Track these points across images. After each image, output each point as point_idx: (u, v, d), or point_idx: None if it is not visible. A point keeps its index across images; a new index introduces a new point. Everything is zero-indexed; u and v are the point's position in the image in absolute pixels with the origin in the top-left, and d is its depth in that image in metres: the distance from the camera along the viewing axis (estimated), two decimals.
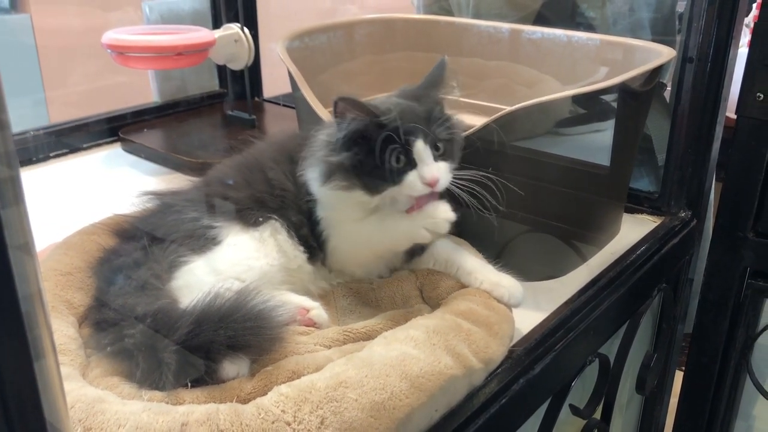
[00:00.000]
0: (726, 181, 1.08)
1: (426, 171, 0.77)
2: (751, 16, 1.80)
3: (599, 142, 1.05)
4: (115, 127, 1.48)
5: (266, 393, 0.63)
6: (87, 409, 0.59)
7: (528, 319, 0.86)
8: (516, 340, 0.82)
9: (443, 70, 0.85)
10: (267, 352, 0.70)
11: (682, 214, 1.17)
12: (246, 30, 1.52)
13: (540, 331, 0.84)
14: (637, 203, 1.21)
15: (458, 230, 0.94)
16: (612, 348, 1.04)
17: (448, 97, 0.86)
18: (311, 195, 0.84)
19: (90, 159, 1.43)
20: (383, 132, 0.76)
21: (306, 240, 0.84)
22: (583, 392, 0.99)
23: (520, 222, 0.96)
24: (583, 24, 1.46)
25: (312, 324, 0.78)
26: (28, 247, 0.35)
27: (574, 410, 0.94)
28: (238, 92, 1.68)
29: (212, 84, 1.72)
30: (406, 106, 0.81)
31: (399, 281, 0.87)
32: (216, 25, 1.62)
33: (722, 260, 1.11)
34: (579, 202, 1.01)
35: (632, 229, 1.13)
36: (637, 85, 1.00)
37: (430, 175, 0.77)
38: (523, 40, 1.27)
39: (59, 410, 0.39)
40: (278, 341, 0.71)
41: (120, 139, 1.46)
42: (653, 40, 1.26)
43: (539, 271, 0.99)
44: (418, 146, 0.77)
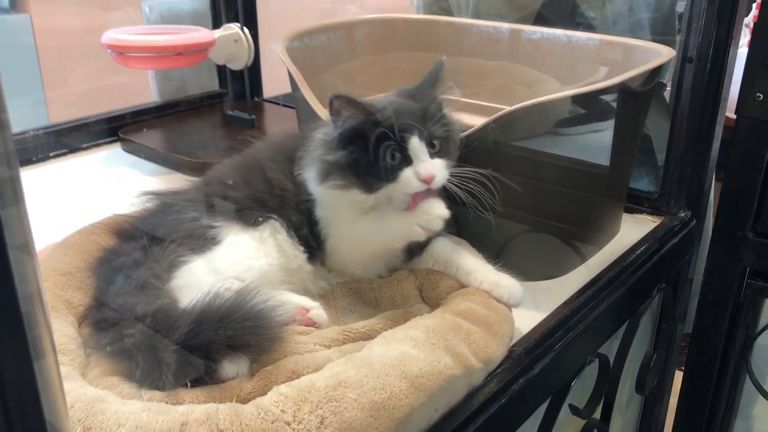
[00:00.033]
0: (725, 181, 1.08)
1: (421, 168, 0.77)
2: (750, 16, 1.80)
3: (599, 142, 1.05)
4: (115, 127, 1.48)
5: (266, 393, 0.63)
6: (87, 408, 0.59)
7: (527, 319, 0.86)
8: (515, 340, 0.82)
9: (441, 70, 0.85)
10: (266, 352, 0.70)
11: (682, 214, 1.17)
12: (246, 30, 1.52)
13: (540, 331, 0.84)
14: (637, 203, 1.21)
15: (458, 230, 0.94)
16: (612, 348, 1.04)
17: (448, 97, 0.87)
18: (310, 195, 0.84)
19: (90, 159, 1.43)
20: (378, 129, 0.76)
21: (306, 240, 0.84)
22: (583, 392, 0.99)
23: (520, 222, 0.96)
24: (583, 24, 1.46)
25: (311, 324, 0.78)
26: (28, 247, 0.35)
27: (574, 410, 0.94)
28: (237, 92, 1.68)
29: (212, 84, 1.72)
30: (402, 104, 0.81)
31: (399, 281, 0.87)
32: (216, 25, 1.62)
33: (722, 260, 1.11)
34: (579, 202, 1.01)
35: (632, 229, 1.13)
36: (637, 85, 1.00)
37: (425, 171, 0.77)
38: (523, 40, 1.27)
39: (59, 410, 0.39)
40: (278, 341, 0.71)
41: (120, 139, 1.46)
42: (653, 40, 1.26)
43: (539, 271, 0.99)
44: (413, 143, 0.77)
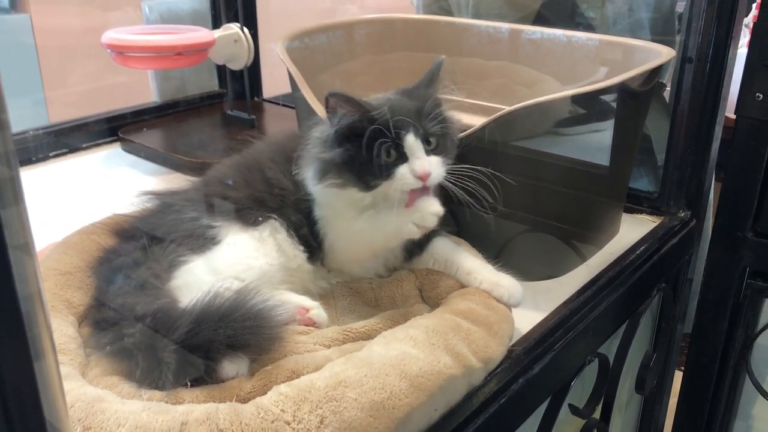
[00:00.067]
0: (725, 181, 1.08)
1: (417, 165, 0.77)
2: (750, 16, 1.80)
3: (599, 142, 1.05)
4: (115, 127, 1.48)
5: (266, 392, 0.63)
6: (86, 408, 0.59)
7: (527, 319, 0.86)
8: (515, 340, 0.82)
9: (439, 69, 0.85)
10: (266, 352, 0.70)
11: (682, 214, 1.17)
12: (245, 30, 1.52)
13: (539, 331, 0.84)
14: (637, 203, 1.21)
15: (458, 230, 0.94)
16: (611, 348, 1.04)
17: (448, 96, 0.86)
18: (309, 194, 0.84)
19: (89, 159, 1.43)
20: (374, 126, 0.76)
21: (305, 239, 0.84)
22: (583, 392, 0.99)
23: (520, 222, 0.96)
24: (583, 24, 1.46)
25: (311, 323, 0.78)
26: (28, 247, 0.35)
27: (574, 410, 0.94)
28: (237, 92, 1.68)
29: (212, 84, 1.72)
30: (398, 101, 0.81)
31: (398, 281, 0.87)
32: (215, 25, 1.62)
33: (721, 260, 1.12)
34: (578, 202, 1.01)
35: (631, 229, 1.13)
36: (637, 85, 1.00)
37: (421, 168, 0.77)
38: (523, 40, 1.27)
39: (59, 410, 0.39)
40: (278, 341, 0.71)
41: (119, 139, 1.46)
42: (653, 40, 1.26)
43: (539, 271, 0.99)
44: (409, 140, 0.77)
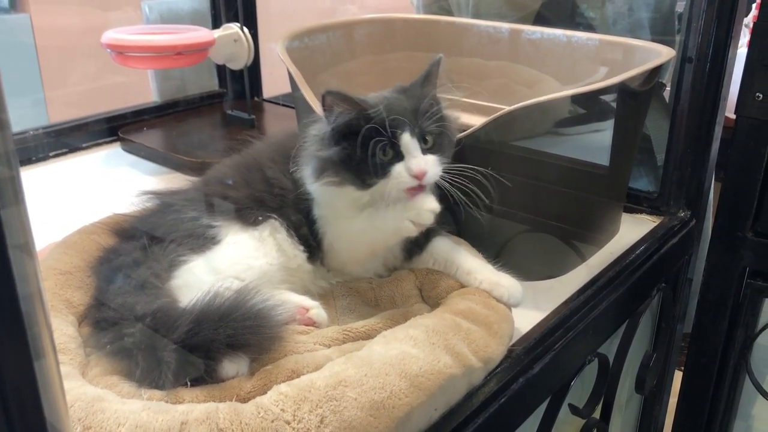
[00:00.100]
0: (725, 181, 1.08)
1: (413, 163, 0.77)
2: (750, 16, 1.80)
3: (598, 142, 1.05)
4: (115, 127, 1.48)
5: (266, 392, 0.63)
6: (87, 407, 0.59)
7: (527, 319, 0.86)
8: (515, 340, 0.82)
9: (437, 68, 0.85)
10: (266, 351, 0.70)
11: (682, 214, 1.17)
12: (245, 30, 1.52)
13: (539, 331, 0.84)
14: (637, 203, 1.21)
15: (458, 230, 0.94)
16: (611, 347, 1.04)
17: (448, 96, 0.86)
18: (309, 194, 0.84)
19: (89, 158, 1.43)
20: (370, 125, 0.76)
21: (305, 239, 0.84)
22: (583, 392, 0.99)
23: (520, 221, 0.96)
24: (583, 24, 1.46)
25: (311, 323, 0.78)
26: (28, 247, 0.35)
27: (574, 410, 0.94)
28: (237, 92, 1.68)
29: (212, 84, 1.72)
30: (394, 99, 0.81)
31: (398, 281, 0.87)
32: (215, 24, 1.62)
33: (721, 260, 1.12)
34: (578, 202, 1.01)
35: (631, 229, 1.13)
36: (637, 85, 1.00)
37: (417, 167, 0.77)
38: (523, 40, 1.27)
39: (59, 409, 0.39)
40: (278, 340, 0.71)
41: (119, 139, 1.46)
42: (653, 40, 1.26)
43: (539, 271, 0.99)
44: (405, 138, 0.77)
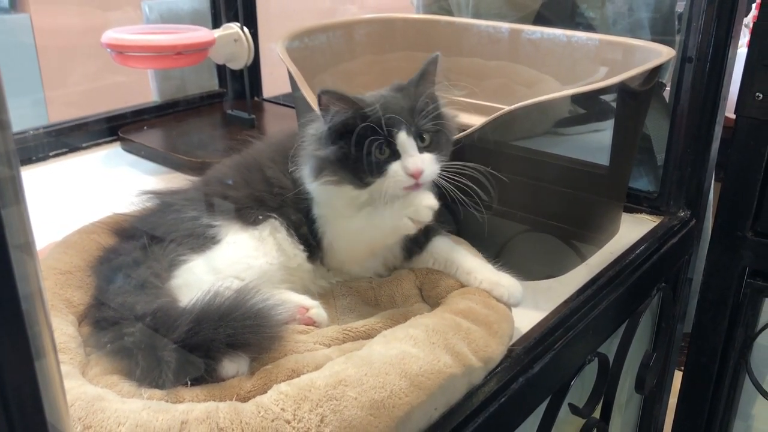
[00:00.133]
0: (725, 181, 1.08)
1: (410, 162, 0.77)
2: (750, 16, 1.80)
3: (598, 142, 1.05)
4: (115, 127, 1.48)
5: (266, 391, 0.63)
6: (87, 407, 0.59)
7: (527, 318, 0.86)
8: (515, 339, 0.82)
9: (434, 66, 0.84)
10: (266, 351, 0.70)
11: (681, 214, 1.17)
12: (245, 29, 1.52)
13: (539, 330, 0.84)
14: (637, 203, 1.21)
15: (458, 229, 0.94)
16: (611, 347, 1.04)
17: (448, 96, 0.86)
18: (308, 193, 0.84)
19: (89, 158, 1.43)
20: (366, 124, 0.76)
21: (305, 239, 0.84)
22: (583, 391, 0.99)
23: (520, 221, 0.96)
24: (583, 24, 1.46)
25: (311, 323, 0.78)
26: (29, 247, 0.35)
27: (574, 409, 0.94)
28: (237, 92, 1.68)
29: (212, 83, 1.72)
30: (391, 98, 0.80)
31: (398, 280, 0.87)
32: (215, 24, 1.62)
33: (721, 260, 1.12)
34: (578, 202, 1.01)
35: (631, 229, 1.13)
36: (637, 85, 1.00)
37: (413, 166, 0.77)
38: (523, 40, 1.27)
39: (60, 409, 0.39)
40: (278, 340, 0.71)
41: (119, 139, 1.46)
42: (653, 39, 1.26)
43: (539, 271, 0.99)
44: (401, 137, 0.77)
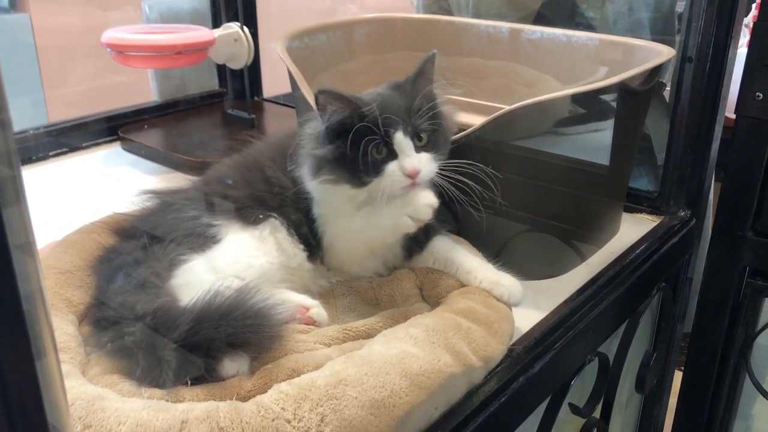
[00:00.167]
0: (725, 181, 1.08)
1: (407, 162, 0.77)
2: (750, 16, 1.80)
3: (599, 142, 1.05)
4: (115, 126, 1.48)
5: (266, 391, 0.63)
6: (87, 406, 0.59)
7: (527, 318, 0.86)
8: (515, 339, 0.82)
9: (432, 64, 0.84)
10: (267, 350, 0.70)
11: (682, 214, 1.17)
12: (246, 29, 1.52)
13: (539, 330, 0.84)
14: (637, 202, 1.21)
15: (458, 229, 0.94)
16: (611, 347, 1.04)
17: (447, 95, 0.86)
18: (308, 193, 0.84)
19: (89, 158, 1.43)
20: (363, 123, 0.76)
21: (305, 238, 0.84)
22: (583, 391, 0.99)
23: (520, 221, 0.96)
24: (583, 24, 1.46)
25: (311, 322, 0.78)
26: (30, 246, 0.35)
27: (574, 409, 0.94)
28: (237, 91, 1.68)
29: (212, 83, 1.72)
30: (388, 97, 0.80)
31: (399, 280, 0.87)
32: (216, 24, 1.62)
33: (721, 259, 1.12)
34: (578, 202, 1.01)
35: (631, 229, 1.13)
36: (637, 85, 1.00)
37: (410, 166, 0.77)
38: (523, 39, 1.27)
39: (60, 408, 0.39)
40: (278, 339, 0.71)
41: (119, 138, 1.46)
42: (653, 39, 1.26)
43: (539, 270, 0.99)
44: (398, 137, 0.77)
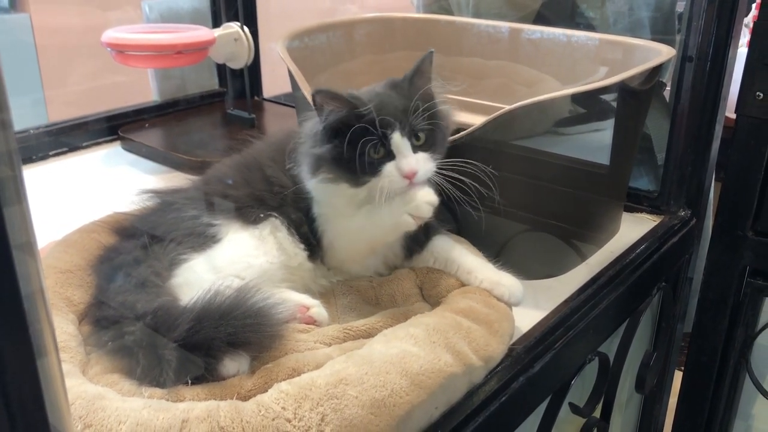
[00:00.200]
0: (725, 180, 1.08)
1: (404, 163, 0.77)
2: (750, 15, 1.80)
3: (599, 142, 1.05)
4: (115, 126, 1.48)
5: (266, 390, 0.63)
6: (87, 405, 0.59)
7: (528, 318, 0.86)
8: (516, 339, 0.82)
9: (429, 63, 0.84)
10: (267, 350, 0.70)
11: (682, 213, 1.17)
12: (246, 29, 1.52)
13: (540, 330, 0.84)
14: (637, 202, 1.21)
15: (458, 228, 0.94)
16: (612, 346, 1.04)
17: (447, 95, 0.86)
18: (308, 192, 0.84)
19: (89, 157, 1.43)
20: (360, 124, 0.76)
21: (306, 237, 0.84)
22: (583, 391, 0.99)
23: (520, 221, 0.96)
24: (583, 24, 1.46)
25: (312, 322, 0.78)
26: (30, 246, 0.35)
27: (574, 408, 0.94)
28: (237, 91, 1.68)
29: (212, 83, 1.72)
30: (385, 97, 0.80)
31: (399, 279, 0.87)
32: (216, 23, 1.62)
33: (721, 259, 1.12)
34: (579, 201, 1.01)
35: (632, 228, 1.13)
36: (637, 84, 1.00)
37: (407, 167, 0.77)
38: (523, 39, 1.27)
39: (61, 407, 0.39)
40: (278, 338, 0.71)
41: (119, 138, 1.46)
42: (653, 39, 1.26)
43: (539, 270, 0.99)
44: (395, 138, 0.77)
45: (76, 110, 1.51)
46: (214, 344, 0.67)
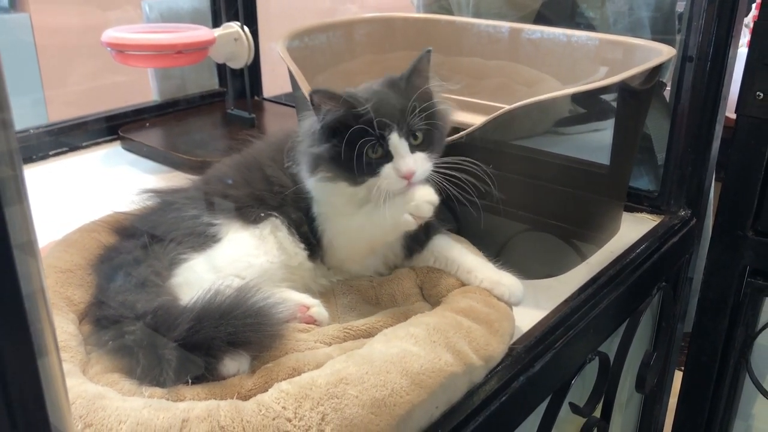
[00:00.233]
0: (726, 180, 1.08)
1: (402, 164, 0.77)
2: (750, 15, 1.80)
3: (599, 142, 1.05)
4: (115, 126, 1.48)
5: (267, 390, 0.63)
6: (88, 405, 0.59)
7: (528, 317, 0.86)
8: (516, 338, 0.82)
9: (427, 61, 0.84)
10: (267, 349, 0.70)
11: (682, 213, 1.17)
12: (246, 29, 1.52)
13: (540, 329, 0.84)
14: (637, 202, 1.21)
15: (458, 228, 0.94)
16: (612, 346, 1.04)
17: (448, 95, 0.86)
18: (308, 192, 0.84)
19: (90, 157, 1.43)
20: (358, 124, 0.76)
21: (306, 237, 0.85)
22: (583, 390, 0.99)
23: (521, 220, 0.97)
24: (583, 23, 1.46)
25: (312, 321, 0.78)
26: (31, 246, 0.35)
27: (574, 408, 0.94)
28: (237, 91, 1.68)
29: (212, 83, 1.72)
30: (384, 96, 0.80)
31: (399, 279, 0.87)
32: (216, 23, 1.63)
33: (722, 259, 1.12)
34: (579, 201, 1.01)
35: (632, 228, 1.13)
36: (637, 84, 1.00)
37: (405, 168, 0.77)
38: (523, 39, 1.27)
39: (62, 407, 0.39)
40: (278, 338, 0.71)
41: (119, 138, 1.46)
42: (653, 39, 1.26)
43: (539, 270, 0.99)
44: (393, 139, 0.77)
45: (76, 110, 1.51)
46: (214, 344, 0.67)
